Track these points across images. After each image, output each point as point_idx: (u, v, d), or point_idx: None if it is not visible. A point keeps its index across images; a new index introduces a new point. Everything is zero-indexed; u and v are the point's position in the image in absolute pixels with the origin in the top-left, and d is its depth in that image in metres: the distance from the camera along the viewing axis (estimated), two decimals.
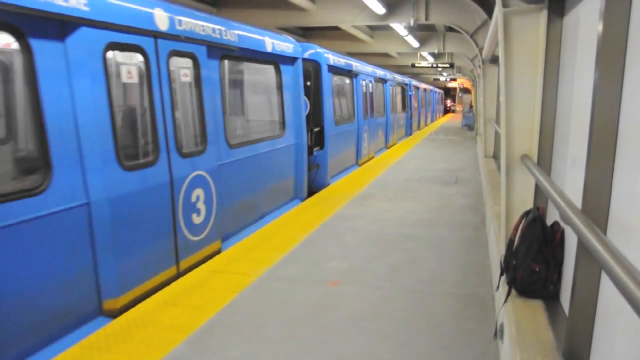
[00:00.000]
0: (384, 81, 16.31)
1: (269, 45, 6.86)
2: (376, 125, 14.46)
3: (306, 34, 18.68)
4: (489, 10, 8.67)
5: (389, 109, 16.68)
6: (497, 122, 9.02)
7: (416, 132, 23.46)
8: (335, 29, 16.70)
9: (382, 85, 15.99)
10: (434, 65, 23.49)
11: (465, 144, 17.71)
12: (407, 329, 3.60)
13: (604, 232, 2.15)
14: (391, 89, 17.34)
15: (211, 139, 5.37)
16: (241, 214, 6.27)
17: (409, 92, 21.98)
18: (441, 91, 46.51)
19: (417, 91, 24.98)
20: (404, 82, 21.06)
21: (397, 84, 19.20)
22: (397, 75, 19.62)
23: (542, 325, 2.76)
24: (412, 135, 21.96)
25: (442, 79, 40.00)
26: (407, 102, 21.52)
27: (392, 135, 17.30)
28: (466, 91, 48.73)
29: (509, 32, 3.51)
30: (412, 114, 22.85)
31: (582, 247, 2.16)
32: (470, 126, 25.36)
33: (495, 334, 3.32)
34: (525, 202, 3.65)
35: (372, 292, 4.25)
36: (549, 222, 3.26)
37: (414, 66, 22.82)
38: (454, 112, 54.02)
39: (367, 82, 13.35)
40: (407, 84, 21.75)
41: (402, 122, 20.12)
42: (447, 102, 56.70)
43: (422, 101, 27.29)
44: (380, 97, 15.55)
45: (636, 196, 1.87)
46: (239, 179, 6.12)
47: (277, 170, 7.36)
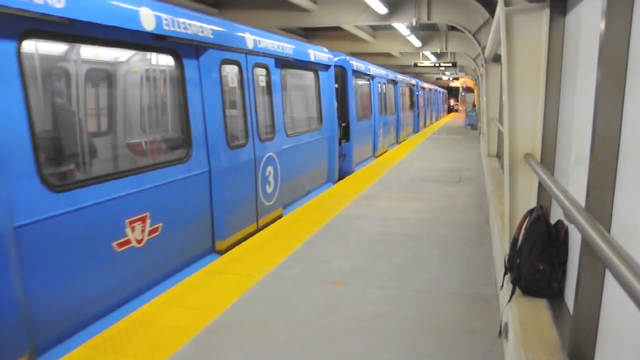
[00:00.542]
0: (395, 82, 17.79)
1: (312, 55, 8.65)
2: (389, 122, 16.06)
3: (308, 34, 18.66)
4: (491, 9, 8.65)
5: (399, 107, 18.19)
6: (500, 121, 9.01)
7: (422, 130, 24.70)
8: (337, 29, 16.69)
9: (393, 86, 17.46)
10: (437, 64, 23.45)
11: (468, 143, 17.68)
12: (411, 329, 3.60)
13: (608, 231, 2.15)
14: (401, 89, 18.83)
15: (277, 129, 7.10)
16: (294, 189, 7.90)
17: (416, 92, 23.55)
18: (445, 91, 47.07)
19: (423, 91, 26.48)
20: (412, 83, 22.64)
21: (406, 85, 20.67)
22: (405, 76, 21.18)
23: (546, 324, 2.76)
24: (419, 132, 23.44)
25: (445, 78, 39.94)
26: (414, 102, 23.02)
27: (402, 131, 18.77)
28: (469, 90, 48.64)
29: (511, 31, 3.51)
30: (419, 112, 24.44)
31: (586, 245, 2.15)
32: (473, 125, 25.32)
33: (499, 333, 3.31)
34: (529, 200, 3.64)
35: (376, 292, 4.25)
36: (553, 220, 3.26)
37: (416, 66, 22.78)
38: (456, 111, 53.94)
39: (381, 84, 14.91)
40: (415, 84, 23.31)
41: (410, 120, 21.64)
42: (451, 101, 56.68)
43: (428, 100, 29.00)
44: (392, 97, 17.07)
45: None
46: (292, 161, 7.67)
47: (316, 156, 9.07)
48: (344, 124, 10.76)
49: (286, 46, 7.47)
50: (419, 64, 22.77)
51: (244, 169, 6.07)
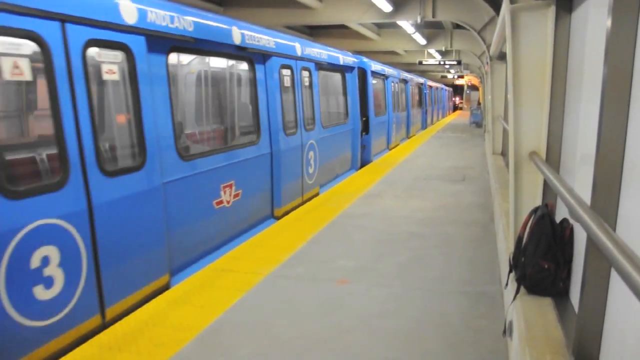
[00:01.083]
0: (406, 82, 18.95)
1: (341, 59, 10.27)
2: (401, 118, 17.47)
3: (313, 32, 18.67)
4: (496, 6, 8.62)
5: (409, 105, 19.43)
6: (506, 119, 8.98)
7: (430, 127, 25.84)
8: (342, 27, 16.69)
9: (404, 85, 18.66)
10: (442, 62, 23.43)
11: (473, 141, 17.64)
12: (415, 327, 3.59)
13: (614, 229, 2.14)
14: (411, 88, 20.07)
15: (316, 121, 8.67)
16: (327, 172, 9.42)
17: (424, 91, 24.89)
18: (450, 89, 47.40)
19: (430, 89, 27.82)
20: (420, 81, 23.98)
21: (415, 84, 22.01)
22: (414, 76, 22.40)
23: (551, 322, 2.75)
24: (427, 128, 24.70)
25: (450, 76, 39.86)
26: (423, 99, 24.37)
27: (412, 127, 20.12)
28: (474, 88, 48.50)
29: (516, 29, 3.49)
30: (427, 109, 25.81)
31: (591, 244, 2.14)
32: (478, 123, 25.28)
33: (504, 331, 3.30)
34: (533, 199, 3.63)
35: (381, 291, 4.25)
36: (558, 219, 3.24)
37: (421, 64, 22.78)
38: (461, 109, 53.85)
39: (394, 83, 16.33)
40: (423, 83, 24.64)
41: (419, 117, 22.98)
42: (456, 99, 56.61)
43: (435, 98, 30.53)
44: (403, 95, 18.34)
45: None
46: (326, 148, 9.17)
47: (343, 146, 10.58)
48: (364, 119, 12.02)
49: (323, 52, 9.11)
50: (424, 62, 22.76)
51: (294, 152, 7.66)
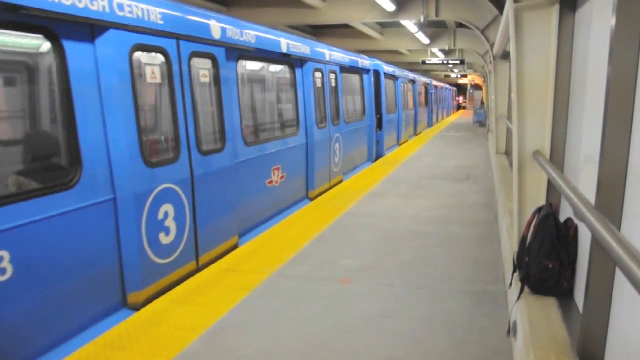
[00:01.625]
0: (413, 82, 20.22)
1: (359, 63, 11.58)
2: (409, 116, 18.84)
3: (316, 32, 18.65)
4: (500, 5, 8.60)
5: (417, 104, 20.66)
6: (509, 118, 8.96)
7: (435, 125, 26.95)
8: (345, 26, 16.66)
9: (412, 85, 19.89)
10: (445, 61, 23.37)
11: (476, 140, 17.61)
12: (419, 327, 3.59)
13: (618, 228, 2.13)
14: (418, 88, 21.28)
15: (341, 117, 9.91)
16: (349, 162, 10.61)
17: (430, 90, 26.20)
18: (454, 88, 47.65)
19: (435, 89, 29.20)
20: (426, 82, 25.24)
21: (422, 84, 23.19)
22: (421, 76, 23.85)
23: (555, 322, 2.74)
24: (433, 126, 25.87)
25: (453, 75, 39.78)
26: (429, 99, 25.60)
27: (419, 125, 21.30)
28: (477, 87, 48.41)
29: (520, 28, 3.48)
30: (433, 108, 27.17)
31: (596, 243, 2.14)
32: (481, 123, 25.24)
33: (508, 331, 3.30)
34: (537, 198, 3.62)
35: (384, 290, 4.25)
36: (562, 218, 3.24)
37: (424, 63, 22.72)
38: (464, 108, 53.78)
39: (403, 83, 17.52)
40: (429, 83, 25.92)
41: (425, 115, 24.08)
42: (459, 99, 56.59)
43: (440, 98, 31.95)
44: (411, 95, 19.57)
45: None
46: (348, 141, 10.37)
47: (361, 139, 11.77)
48: (378, 116, 13.37)
49: (345, 57, 10.51)
50: (427, 61, 22.72)
51: (324, 143, 8.89)
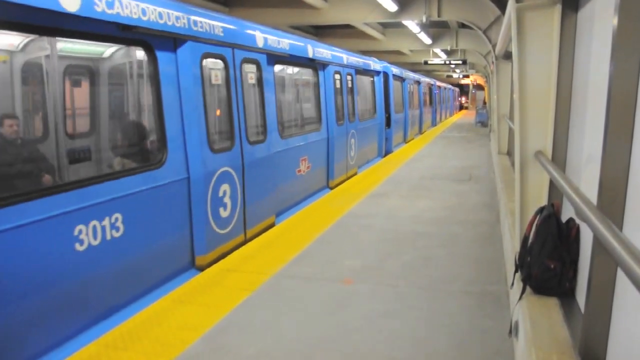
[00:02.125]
0: (419, 83, 21.23)
1: (371, 65, 12.84)
2: (415, 115, 19.95)
3: (318, 32, 18.65)
4: (502, 5, 8.59)
5: (422, 104, 21.70)
6: (511, 118, 8.95)
7: (439, 124, 27.71)
8: (347, 26, 16.67)
9: (417, 86, 20.82)
10: (447, 62, 23.36)
11: (478, 141, 17.59)
12: (421, 327, 3.59)
13: (620, 229, 2.13)
14: (423, 88, 22.37)
15: (356, 115, 10.93)
16: (362, 156, 11.57)
17: (434, 91, 27.19)
18: (457, 89, 47.87)
19: (439, 90, 30.47)
20: (431, 82, 26.34)
21: (426, 85, 24.28)
22: (426, 77, 24.92)
23: (557, 322, 2.74)
24: (437, 125, 26.64)
25: (455, 76, 39.74)
26: (433, 99, 26.55)
27: (424, 124, 22.37)
28: (479, 88, 48.34)
29: (522, 28, 3.48)
30: (436, 108, 28.15)
31: (598, 243, 2.13)
32: (483, 123, 25.22)
33: (510, 331, 3.30)
34: (539, 198, 3.62)
35: (387, 290, 4.25)
36: (564, 218, 3.23)
37: (426, 63, 22.71)
38: (467, 108, 53.75)
39: (410, 84, 18.58)
40: (433, 84, 26.96)
41: (429, 115, 25.07)
42: (462, 99, 56.70)
43: (443, 98, 33.38)
44: (416, 95, 20.53)
45: None
46: (362, 137, 11.41)
47: (372, 136, 12.85)
48: (387, 115, 14.34)
49: (359, 60, 11.64)
50: (429, 62, 22.69)
51: (342, 138, 9.84)
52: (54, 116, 4.06)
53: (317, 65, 8.84)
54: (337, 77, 9.75)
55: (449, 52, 24.37)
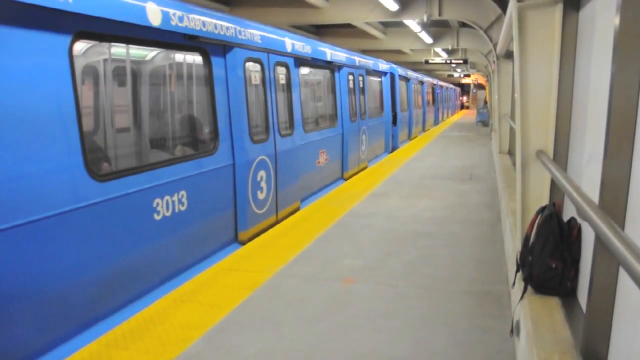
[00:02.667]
0: (422, 83, 22.10)
1: (380, 66, 13.79)
2: (418, 114, 20.83)
3: (319, 31, 18.65)
4: (503, 5, 8.58)
5: (425, 103, 22.61)
6: (512, 117, 8.94)
7: (441, 123, 28.67)
8: (348, 26, 16.66)
9: (421, 86, 21.78)
10: (448, 61, 23.35)
11: (479, 140, 17.58)
12: (422, 326, 3.59)
13: (622, 228, 2.13)
14: (426, 88, 23.29)
15: (366, 113, 11.89)
16: (371, 151, 12.45)
17: (437, 91, 28.21)
18: (458, 88, 48.10)
19: (441, 89, 31.43)
20: (434, 82, 27.23)
21: (429, 84, 25.12)
22: (429, 77, 25.91)
23: (559, 322, 2.74)
24: (439, 124, 27.60)
25: (456, 75, 39.74)
26: (435, 98, 27.56)
27: (427, 122, 23.26)
28: (480, 87, 48.34)
29: (523, 27, 3.48)
30: (439, 107, 29.23)
31: (599, 243, 2.13)
32: (484, 122, 25.21)
33: (511, 331, 3.29)
34: (541, 198, 3.61)
35: (387, 290, 4.25)
36: (566, 218, 3.23)
37: (427, 62, 22.70)
38: (467, 108, 53.78)
39: (414, 84, 19.64)
40: (436, 84, 27.87)
41: (432, 114, 26.03)
42: (463, 98, 56.81)
43: (445, 97, 34.44)
44: (420, 95, 21.49)
45: None
46: (371, 134, 12.29)
47: (380, 133, 13.69)
48: (393, 114, 15.26)
49: (369, 62, 12.45)
50: (430, 61, 22.68)
51: (355, 133, 10.78)
52: (146, 111, 5.48)
53: (333, 67, 9.71)
54: (351, 77, 10.61)
55: (450, 52, 24.36)
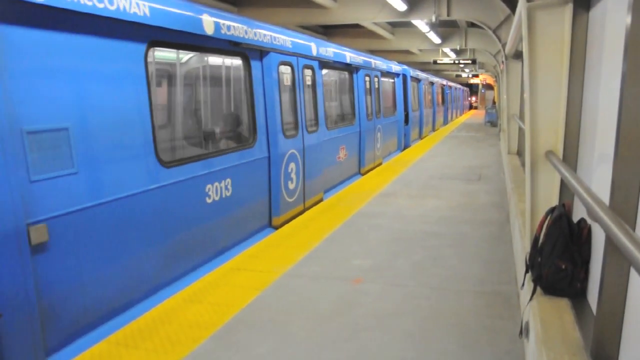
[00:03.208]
0: (432, 84, 22.38)
1: (394, 68, 14.49)
2: (428, 114, 21.24)
3: (327, 32, 18.65)
4: (512, 5, 8.54)
5: (435, 103, 23.01)
6: (521, 118, 8.90)
7: (450, 123, 29.06)
8: (356, 26, 16.65)
9: (431, 86, 22.02)
10: (456, 61, 23.27)
11: (488, 140, 17.52)
12: (431, 327, 3.58)
13: (633, 229, 2.11)
14: (436, 89, 23.65)
15: (381, 112, 12.43)
16: (385, 149, 13.00)
17: (446, 91, 28.67)
18: (467, 88, 48.16)
19: (450, 89, 31.91)
20: (443, 83, 27.61)
21: (439, 85, 25.45)
22: (439, 78, 26.20)
23: (568, 323, 2.72)
24: (448, 123, 28.06)
25: (464, 75, 39.60)
26: (445, 99, 28.08)
27: (436, 122, 23.66)
28: (489, 87, 48.13)
29: (533, 27, 3.46)
30: (448, 107, 29.70)
31: (610, 244, 2.12)
32: (493, 122, 25.11)
33: (520, 332, 3.28)
34: (550, 198, 3.60)
35: (396, 290, 4.24)
36: (575, 218, 3.21)
37: (435, 63, 22.64)
38: (476, 108, 53.59)
39: (425, 85, 19.94)
40: (445, 84, 28.38)
41: (441, 113, 26.38)
42: (472, 99, 56.66)
43: (454, 97, 34.84)
44: (430, 95, 21.74)
45: None
46: (385, 132, 12.87)
47: (393, 131, 14.26)
48: (405, 113, 15.70)
49: (384, 64, 13.01)
50: (439, 61, 22.62)
51: (371, 131, 11.34)
52: (199, 108, 6.46)
53: (352, 69, 10.33)
54: (367, 79, 11.22)
55: (458, 52, 24.28)
